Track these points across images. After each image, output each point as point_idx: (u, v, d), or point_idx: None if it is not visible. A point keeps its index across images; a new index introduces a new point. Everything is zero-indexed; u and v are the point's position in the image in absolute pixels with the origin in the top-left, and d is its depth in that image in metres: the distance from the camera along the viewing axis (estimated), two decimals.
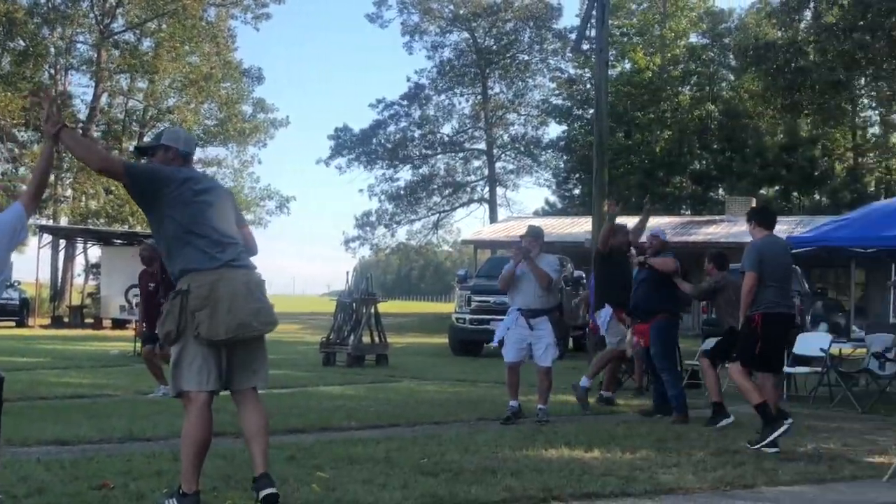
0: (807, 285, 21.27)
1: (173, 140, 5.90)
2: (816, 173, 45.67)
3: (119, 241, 35.60)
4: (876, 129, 48.88)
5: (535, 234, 10.22)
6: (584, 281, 21.96)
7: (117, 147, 49.51)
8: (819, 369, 12.93)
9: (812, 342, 13.32)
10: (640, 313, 10.67)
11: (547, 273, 9.82)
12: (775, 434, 8.30)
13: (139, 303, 11.78)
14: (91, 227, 41.86)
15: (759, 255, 8.84)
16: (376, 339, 18.35)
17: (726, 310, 10.60)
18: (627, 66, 51.81)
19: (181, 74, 47.96)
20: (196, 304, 5.38)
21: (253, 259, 5.82)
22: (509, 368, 10.13)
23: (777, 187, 47.99)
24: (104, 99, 50.26)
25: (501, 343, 10.13)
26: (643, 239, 11.73)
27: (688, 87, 51.64)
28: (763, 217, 9.39)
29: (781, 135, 47.09)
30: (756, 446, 8.24)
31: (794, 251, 13.84)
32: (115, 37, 48.27)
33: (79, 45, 49.07)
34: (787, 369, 12.96)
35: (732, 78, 51.03)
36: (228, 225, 5.70)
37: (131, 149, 49.97)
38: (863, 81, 39.11)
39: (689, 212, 46.48)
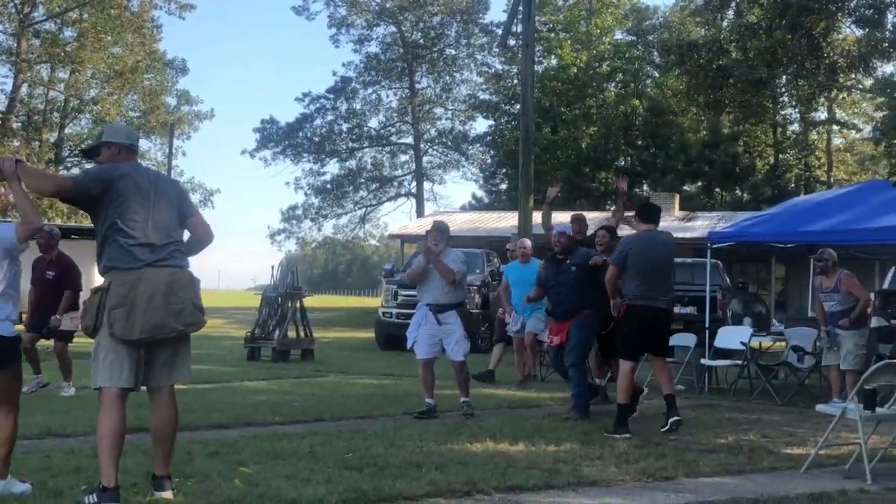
0: (728, 280, 21.65)
1: (114, 135, 5.95)
2: (738, 169, 46.46)
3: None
4: (796, 127, 49.86)
5: (439, 229, 10.11)
6: None
7: (37, 139, 48.51)
8: (739, 362, 13.16)
9: (732, 335, 13.56)
10: (561, 314, 10.21)
11: (450, 269, 9.76)
12: (615, 436, 8.57)
13: (31, 289, 11.49)
14: (9, 220, 40.95)
15: (624, 249, 9.27)
16: (302, 334, 18.25)
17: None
18: (554, 61, 52.16)
19: (105, 65, 47.15)
20: (113, 302, 5.42)
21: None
22: (423, 365, 10.07)
23: (700, 183, 48.72)
24: (24, 89, 49.21)
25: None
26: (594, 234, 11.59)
27: (613, 84, 52.16)
28: (645, 212, 9.74)
29: (704, 132, 47.81)
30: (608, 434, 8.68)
31: (714, 246, 14.12)
32: (36, 26, 47.26)
33: None
34: (707, 362, 13.20)
35: (657, 75, 51.68)
36: (164, 221, 5.68)
37: (51, 140, 49.10)
38: (784, 80, 39.81)
39: (613, 207, 46.96)
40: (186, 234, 5.93)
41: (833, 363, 11.48)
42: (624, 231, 10.93)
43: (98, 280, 5.77)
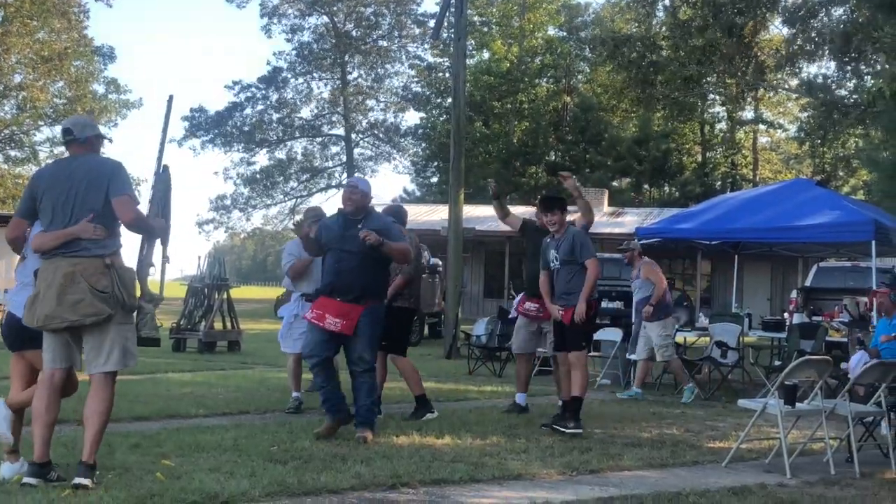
0: None
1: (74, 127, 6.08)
2: (667, 167, 47.04)
3: None
4: (723, 125, 50.61)
5: (315, 216, 9.40)
6: (441, 269, 22.08)
7: None
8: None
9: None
10: (343, 291, 7.94)
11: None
12: (567, 430, 8.46)
13: None
14: None
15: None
16: (229, 326, 18.06)
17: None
18: (486, 55, 52.27)
19: (31, 51, 46.16)
20: (32, 291, 5.76)
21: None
22: (295, 360, 9.74)
23: (629, 179, 49.24)
24: None
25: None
26: None
27: (545, 80, 52.42)
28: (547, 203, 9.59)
29: (634, 129, 48.32)
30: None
31: (642, 242, 14.25)
32: None
33: None
34: (634, 356, 13.32)
35: (588, 70, 52.10)
36: (73, 210, 5.70)
37: None
38: (713, 78, 40.43)
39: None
40: None
41: (642, 357, 12.13)
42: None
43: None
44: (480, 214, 32.36)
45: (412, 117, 58.54)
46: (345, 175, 54.28)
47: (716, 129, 50.81)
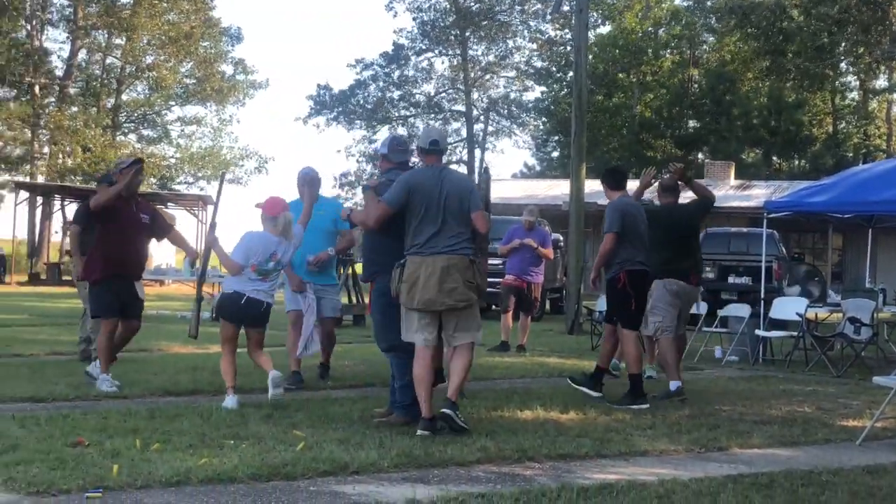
0: (784, 250, 21.41)
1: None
2: (798, 138, 45.76)
3: None
4: (855, 95, 48.97)
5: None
6: (562, 244, 22.00)
7: (95, 105, 49.02)
8: (795, 333, 13.02)
9: (788, 306, 13.40)
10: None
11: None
12: (632, 407, 8.39)
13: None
14: (69, 184, 41.54)
15: (620, 215, 8.91)
16: (354, 300, 18.33)
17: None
18: (607, 28, 51.59)
19: (160, 32, 47.46)
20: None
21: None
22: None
23: (758, 151, 48.08)
24: (82, 55, 49.73)
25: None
26: None
27: (668, 51, 51.50)
28: (612, 178, 9.51)
29: (764, 99, 47.09)
30: (616, 406, 8.44)
31: (770, 216, 13.93)
32: None
33: (55, 1, 48.48)
34: (762, 333, 13.06)
35: (714, 40, 50.97)
36: (443, 214, 6.98)
37: (108, 105, 49.54)
38: (845, 47, 39.09)
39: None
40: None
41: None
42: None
43: None
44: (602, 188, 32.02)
45: (533, 92, 58.14)
46: (465, 151, 54.43)
47: (847, 99, 49.21)
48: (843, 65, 44.70)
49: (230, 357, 7.86)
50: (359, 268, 18.99)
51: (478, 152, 54.98)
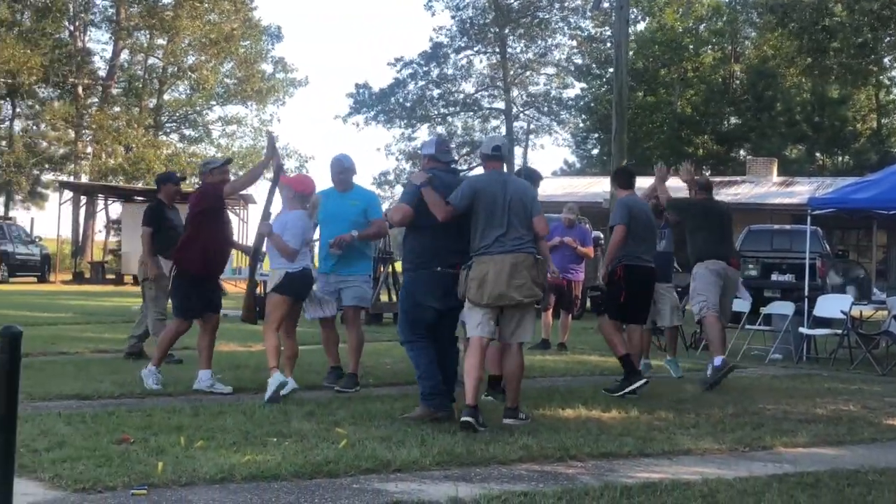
0: (827, 247, 21.21)
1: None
2: (842, 134, 45.26)
3: (139, 198, 35.74)
4: None
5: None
6: (602, 242, 21.89)
7: (137, 105, 49.51)
8: (839, 331, 12.89)
9: (832, 304, 13.27)
10: None
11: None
12: (630, 388, 8.70)
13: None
14: (112, 183, 42.00)
15: (628, 210, 9.19)
16: (394, 298, 18.36)
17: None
18: (643, 25, 51.25)
19: (201, 33, 47.83)
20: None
21: None
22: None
23: (801, 147, 47.62)
24: (124, 56, 50.22)
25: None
26: None
27: (709, 47, 51.12)
28: (622, 178, 9.94)
29: (806, 94, 46.60)
30: (613, 394, 8.68)
31: (814, 212, 13.80)
32: None
33: (98, 2, 49.00)
34: (806, 331, 12.94)
35: (755, 36, 50.52)
36: (508, 218, 7.30)
37: (150, 105, 49.99)
38: (886, 43, 38.56)
39: (709, 172, 46.24)
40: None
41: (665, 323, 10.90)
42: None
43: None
44: (643, 186, 31.88)
45: (573, 89, 57.88)
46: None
47: (892, 95, 48.60)
48: (886, 60, 44.08)
49: (277, 336, 8.18)
50: (398, 266, 19.05)
51: (518, 150, 54.93)
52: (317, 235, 9.20)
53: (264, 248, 8.52)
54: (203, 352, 8.59)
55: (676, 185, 11.63)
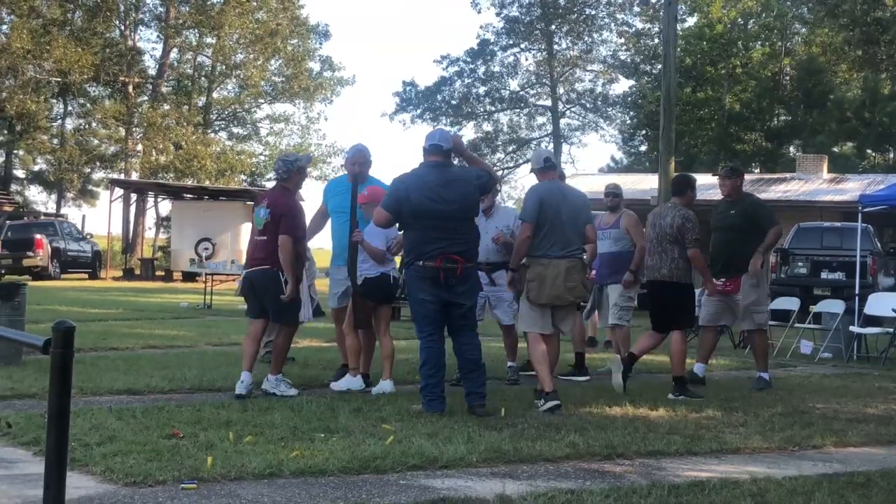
0: (878, 244, 20.93)
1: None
2: (894, 130, 44.53)
3: (189, 196, 36.08)
4: None
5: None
6: None
7: (187, 103, 49.98)
8: (890, 330, 12.72)
9: (884, 302, 13.11)
10: None
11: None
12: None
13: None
14: (161, 181, 42.48)
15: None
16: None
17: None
18: (691, 21, 50.80)
19: (248, 30, 48.18)
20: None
21: None
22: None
23: (851, 143, 46.96)
24: (174, 54, 50.73)
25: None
26: None
27: (758, 43, 50.58)
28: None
29: (858, 90, 45.92)
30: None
31: (865, 210, 13.63)
32: None
33: (148, 1, 49.53)
34: (857, 329, 12.79)
35: (805, 31, 49.90)
36: (564, 226, 8.19)
37: (200, 104, 50.41)
38: None
39: (758, 169, 45.76)
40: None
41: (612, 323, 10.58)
42: None
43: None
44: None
45: (620, 86, 57.50)
46: (551, 146, 54.20)
47: None
48: None
49: (357, 338, 8.64)
50: None
51: (564, 146, 54.78)
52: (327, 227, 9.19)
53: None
54: (280, 355, 8.48)
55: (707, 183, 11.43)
